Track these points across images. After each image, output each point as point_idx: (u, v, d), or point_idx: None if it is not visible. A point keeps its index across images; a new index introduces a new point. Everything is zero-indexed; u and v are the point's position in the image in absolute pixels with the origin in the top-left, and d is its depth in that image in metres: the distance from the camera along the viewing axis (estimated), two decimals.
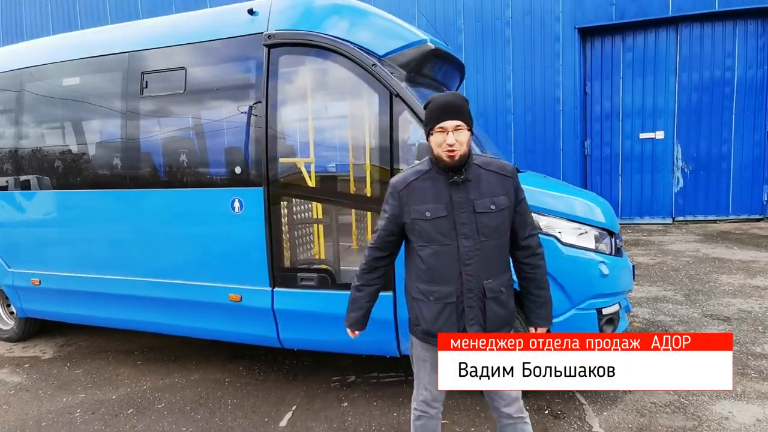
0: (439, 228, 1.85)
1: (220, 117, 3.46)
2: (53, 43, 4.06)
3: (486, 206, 1.84)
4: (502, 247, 1.91)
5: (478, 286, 1.86)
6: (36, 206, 4.04)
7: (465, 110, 1.86)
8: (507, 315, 1.96)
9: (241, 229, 3.26)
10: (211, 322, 3.52)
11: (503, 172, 1.91)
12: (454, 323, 1.89)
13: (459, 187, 1.84)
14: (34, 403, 3.39)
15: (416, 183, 1.90)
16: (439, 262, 1.87)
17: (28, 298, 4.19)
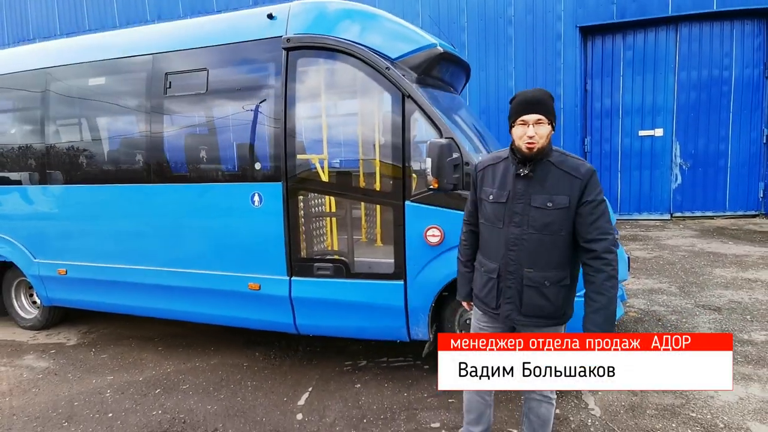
0: (496, 211, 2.04)
1: (240, 116, 3.65)
2: (80, 44, 4.24)
3: (542, 202, 1.94)
4: (554, 243, 1.95)
5: (518, 271, 1.99)
6: (62, 200, 4.23)
7: (548, 105, 1.95)
8: (549, 307, 2.01)
9: (261, 222, 3.47)
10: (230, 310, 3.73)
11: (574, 172, 1.93)
12: (493, 297, 2.08)
13: (522, 179, 1.97)
14: (63, 386, 3.61)
15: (491, 167, 2.10)
16: (491, 241, 2.08)
17: (54, 288, 4.40)
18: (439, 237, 3.10)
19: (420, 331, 3.31)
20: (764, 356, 3.40)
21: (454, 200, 3.03)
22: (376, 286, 3.28)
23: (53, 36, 13.29)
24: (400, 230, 3.17)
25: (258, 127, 3.56)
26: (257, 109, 3.59)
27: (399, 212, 3.16)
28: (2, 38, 14.13)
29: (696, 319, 4.17)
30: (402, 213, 3.14)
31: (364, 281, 3.31)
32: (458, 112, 3.89)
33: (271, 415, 3.03)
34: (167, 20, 12.01)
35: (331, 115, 3.62)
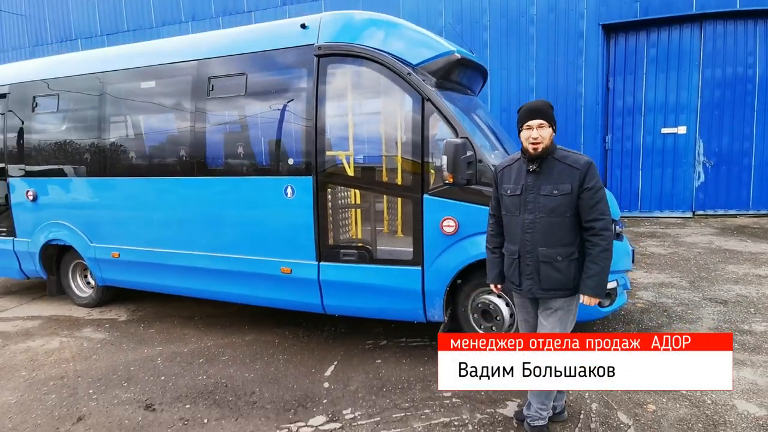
0: (513, 202, 2.42)
1: (275, 116, 4.03)
2: (133, 51, 4.69)
3: (549, 191, 2.32)
4: (562, 225, 2.31)
5: (534, 250, 2.35)
6: (116, 191, 4.71)
7: (547, 112, 2.34)
8: (562, 278, 2.33)
9: (293, 212, 3.84)
10: (264, 291, 4.14)
11: (575, 165, 2.31)
12: (516, 275, 2.45)
13: (532, 174, 2.36)
14: (120, 354, 4.09)
15: (507, 168, 2.50)
16: (511, 227, 2.45)
17: (108, 269, 4.91)
18: (454, 227, 3.41)
19: (436, 313, 3.63)
20: (761, 345, 3.59)
21: (468, 194, 3.35)
22: (397, 271, 3.62)
23: (94, 36, 14.07)
24: (418, 220, 3.50)
25: (291, 126, 3.94)
26: (290, 109, 3.96)
27: (418, 204, 3.49)
28: (46, 38, 15.00)
29: (701, 311, 4.36)
30: (420, 205, 3.47)
31: (386, 267, 3.65)
32: (474, 112, 4.18)
33: (301, 383, 3.41)
34: (200, 21, 12.66)
35: (356, 116, 3.97)
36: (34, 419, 3.05)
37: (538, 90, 10.02)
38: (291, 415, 2.98)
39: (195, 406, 3.15)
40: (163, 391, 3.36)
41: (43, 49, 14.82)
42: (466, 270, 3.51)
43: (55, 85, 4.96)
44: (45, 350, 4.18)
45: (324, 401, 3.13)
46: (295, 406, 3.09)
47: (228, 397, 3.26)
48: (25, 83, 5.17)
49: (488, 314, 3.59)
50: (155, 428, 2.90)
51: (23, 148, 5.21)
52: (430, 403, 3.03)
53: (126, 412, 3.10)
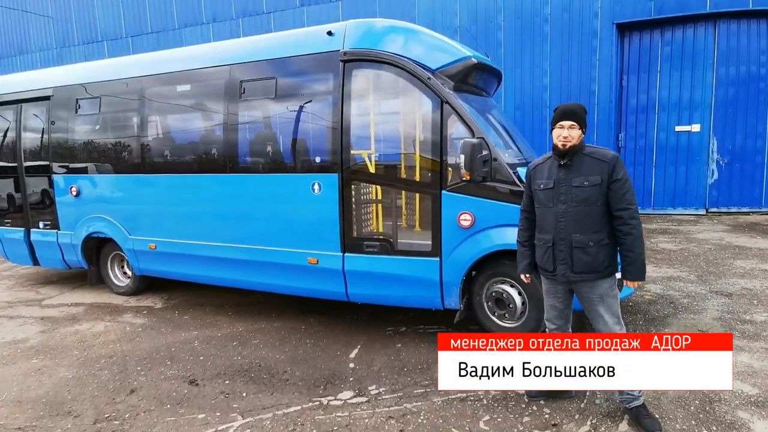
0: (546, 195, 2.65)
1: (302, 117, 4.33)
2: (169, 56, 5.03)
3: (580, 182, 2.55)
4: (593, 213, 2.53)
5: (567, 237, 2.58)
6: (154, 187, 5.06)
7: (579, 115, 2.59)
8: (594, 263, 2.55)
9: (319, 206, 4.14)
10: (292, 281, 4.45)
11: (603, 158, 2.55)
12: (550, 262, 2.66)
13: (563, 168, 2.60)
14: (160, 337, 4.44)
15: (540, 165, 2.74)
16: (544, 218, 2.67)
17: (145, 260, 5.27)
18: (470, 221, 3.68)
19: (452, 301, 3.90)
20: (760, 333, 3.79)
21: (483, 190, 3.61)
22: (416, 262, 3.90)
23: (119, 38, 14.56)
24: (437, 215, 3.77)
25: (318, 126, 4.23)
26: (317, 111, 4.26)
27: (436, 199, 3.76)
28: (72, 40, 15.53)
29: (706, 302, 4.55)
30: (439, 200, 3.74)
31: (406, 257, 3.93)
32: (489, 113, 4.43)
33: (328, 364, 3.71)
34: (221, 22, 13.05)
35: (379, 117, 4.24)
36: (91, 391, 3.40)
37: (551, 89, 10.18)
38: (321, 391, 3.28)
39: (233, 382, 3.47)
40: (204, 369, 3.69)
41: (70, 50, 15.36)
42: (481, 261, 3.77)
43: (96, 88, 5.33)
44: (92, 333, 4.56)
45: (350, 379, 3.43)
46: (324, 383, 3.39)
47: (262, 375, 3.57)
48: (68, 86, 5.55)
49: (501, 302, 3.85)
50: (200, 400, 3.22)
51: (66, 147, 5.59)
52: None
53: (172, 386, 3.44)
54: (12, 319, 5.06)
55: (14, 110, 5.93)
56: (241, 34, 12.77)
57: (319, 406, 3.07)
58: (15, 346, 4.30)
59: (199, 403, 3.18)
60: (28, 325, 4.87)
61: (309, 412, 2.99)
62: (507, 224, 3.62)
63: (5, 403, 3.27)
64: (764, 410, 2.76)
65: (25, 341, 4.42)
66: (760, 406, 2.80)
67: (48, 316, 5.10)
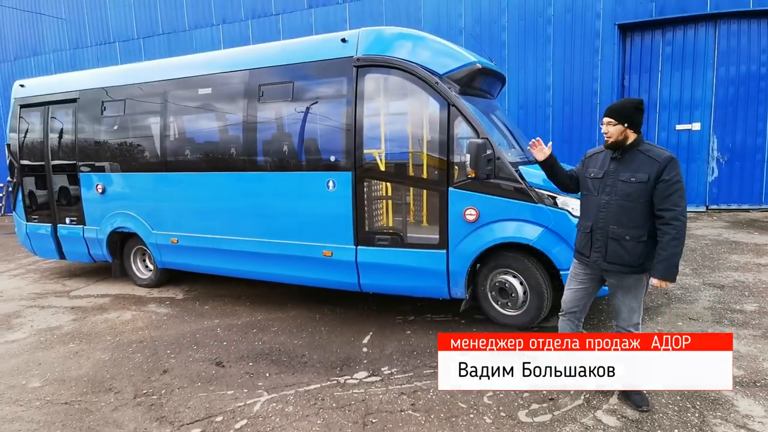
0: (594, 184, 2.78)
1: (318, 119, 4.61)
2: (192, 61, 5.32)
3: (627, 177, 2.60)
4: (634, 209, 2.57)
5: (605, 227, 2.67)
6: (176, 185, 5.36)
7: (616, 110, 2.66)
8: (628, 257, 2.61)
9: (334, 203, 4.42)
10: (308, 272, 4.73)
11: (656, 158, 2.56)
12: (588, 247, 2.78)
13: (614, 160, 2.70)
14: (184, 324, 4.74)
15: (595, 155, 2.87)
16: (588, 206, 2.82)
17: (167, 253, 5.58)
18: (475, 215, 3.95)
19: (458, 291, 4.18)
20: (748, 322, 4.05)
21: (487, 187, 3.88)
22: (425, 254, 4.18)
23: (131, 39, 14.88)
24: (444, 210, 4.04)
25: (332, 127, 4.51)
26: (332, 113, 4.53)
27: (444, 195, 4.04)
28: (85, 41, 15.87)
29: (699, 293, 4.80)
30: (446, 196, 4.02)
31: (415, 250, 4.21)
32: (493, 114, 4.69)
33: (343, 348, 4.00)
34: (231, 24, 13.36)
35: (389, 118, 4.51)
36: (127, 371, 3.71)
37: (554, 88, 10.40)
38: (338, 371, 3.57)
39: (257, 364, 3.77)
40: (228, 353, 3.99)
41: (83, 51, 15.71)
42: (485, 253, 4.04)
43: (121, 91, 5.64)
44: (121, 321, 4.87)
45: (364, 361, 3.72)
46: (340, 365, 3.68)
47: (283, 358, 3.87)
48: (94, 89, 5.86)
49: (504, 292, 4.12)
50: (227, 379, 3.52)
51: (92, 146, 5.91)
52: None
53: (201, 367, 3.74)
54: (44, 309, 5.39)
55: (42, 112, 6.25)
56: (250, 36, 13.09)
57: (337, 384, 3.36)
58: (51, 333, 4.62)
59: (227, 381, 3.48)
60: (60, 314, 5.19)
61: (328, 389, 3.28)
62: (509, 219, 3.91)
63: (50, 382, 3.59)
64: (748, 390, 3.02)
65: (60, 328, 4.74)
66: (744, 386, 3.06)
67: (77, 306, 5.43)
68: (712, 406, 2.82)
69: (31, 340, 4.46)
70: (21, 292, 6.15)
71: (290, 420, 2.91)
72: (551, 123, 10.50)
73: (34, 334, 4.62)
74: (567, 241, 3.76)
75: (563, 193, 3.81)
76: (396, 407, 2.99)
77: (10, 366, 3.89)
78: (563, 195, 3.83)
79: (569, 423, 2.73)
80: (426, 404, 3.02)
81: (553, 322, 4.28)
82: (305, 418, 2.92)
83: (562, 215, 3.80)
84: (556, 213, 3.81)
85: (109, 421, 3.00)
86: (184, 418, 2.99)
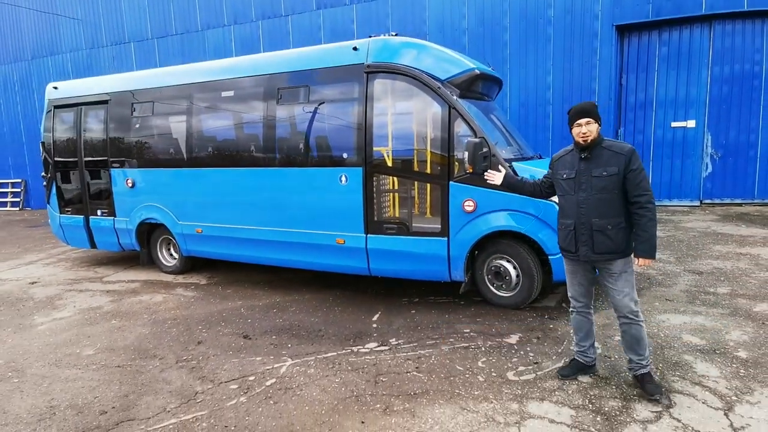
0: (569, 184, 2.98)
1: (332, 120, 5.09)
2: (215, 66, 5.82)
3: (599, 173, 2.83)
4: (611, 200, 2.81)
5: (588, 222, 2.87)
6: (201, 179, 5.86)
7: (593, 111, 2.89)
8: (613, 245, 2.84)
9: (346, 195, 4.90)
10: (322, 258, 5.23)
11: (620, 151, 2.81)
12: (573, 244, 2.98)
13: (584, 160, 2.91)
14: (210, 305, 5.26)
15: (563, 157, 3.08)
16: (567, 205, 3.00)
17: (192, 242, 6.10)
18: (473, 206, 4.42)
19: (458, 274, 4.66)
20: (719, 302, 4.50)
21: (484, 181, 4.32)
22: (428, 241, 4.66)
23: (146, 39, 15.40)
24: (445, 201, 4.52)
25: (344, 127, 4.99)
26: (344, 114, 5.01)
27: (445, 188, 4.51)
28: (101, 41, 16.40)
29: (678, 279, 5.25)
30: (447, 189, 4.49)
31: (419, 237, 4.69)
32: (491, 115, 5.16)
33: (355, 324, 4.50)
34: (242, 24, 13.87)
35: (396, 119, 4.98)
36: (167, 342, 4.23)
37: (554, 87, 10.80)
38: (351, 342, 4.07)
39: (279, 337, 4.27)
40: (253, 328, 4.50)
41: (99, 51, 16.25)
42: (482, 240, 4.51)
43: (150, 93, 6.15)
44: (154, 302, 5.40)
45: (374, 334, 4.21)
46: (353, 337, 4.18)
47: (302, 332, 4.37)
48: (124, 92, 6.37)
49: (499, 275, 4.60)
50: (255, 348, 4.02)
51: (123, 144, 6.42)
52: (454, 335, 4.07)
53: (230, 339, 4.25)
54: (82, 292, 5.93)
55: (75, 112, 6.77)
56: (260, 36, 13.57)
57: (351, 352, 3.86)
58: (93, 312, 5.15)
59: (255, 350, 3.98)
60: (97, 296, 5.73)
61: (343, 356, 3.78)
62: (503, 209, 4.38)
63: (101, 350, 4.11)
64: (707, 356, 3.48)
65: (100, 308, 5.27)
66: (704, 353, 3.52)
67: (112, 290, 5.96)
68: (673, 368, 3.29)
69: (76, 317, 5.00)
70: (57, 278, 6.70)
71: (312, 379, 3.40)
72: (551, 120, 10.91)
73: (78, 312, 5.16)
74: (555, 230, 4.22)
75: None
76: (402, 369, 3.49)
77: (63, 338, 4.42)
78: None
79: (549, 380, 3.22)
80: (428, 367, 3.51)
81: (544, 302, 4.77)
82: (325, 377, 3.42)
83: (550, 206, 4.25)
84: (545, 204, 4.27)
85: (159, 379, 3.51)
86: (221, 377, 3.50)
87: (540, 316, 4.41)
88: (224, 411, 3.03)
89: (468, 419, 2.80)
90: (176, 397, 3.24)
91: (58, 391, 3.41)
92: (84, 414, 3.08)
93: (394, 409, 2.95)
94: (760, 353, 3.45)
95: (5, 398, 3.34)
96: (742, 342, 3.65)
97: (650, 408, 2.82)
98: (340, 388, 3.25)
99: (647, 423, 2.68)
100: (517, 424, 2.72)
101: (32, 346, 4.26)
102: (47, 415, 3.09)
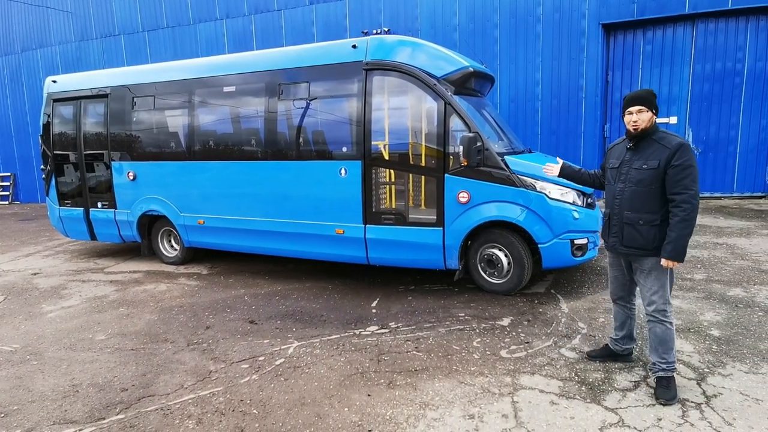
0: (612, 174, 2.97)
1: (332, 115, 5.29)
2: (217, 62, 5.97)
3: (640, 165, 2.75)
4: (647, 194, 2.72)
5: (620, 213, 2.86)
6: (203, 172, 6.03)
7: (646, 99, 2.75)
8: (642, 240, 2.76)
9: (346, 187, 5.11)
10: (322, 248, 5.44)
11: (667, 145, 2.68)
12: (607, 232, 3.02)
13: (630, 150, 2.85)
14: (215, 293, 5.44)
15: (616, 146, 3.05)
16: (608, 194, 3.00)
17: (193, 233, 6.26)
18: (467, 198, 4.67)
19: (453, 263, 4.91)
20: (695, 287, 4.82)
21: (477, 174, 4.59)
22: (424, 230, 4.90)
23: (136, 32, 15.35)
24: (440, 193, 4.76)
25: (344, 122, 5.19)
26: (344, 110, 5.21)
27: (440, 181, 4.75)
28: (91, 34, 16.29)
29: None
30: (442, 181, 4.73)
31: (416, 227, 4.93)
32: (483, 110, 5.40)
33: (355, 310, 4.73)
34: (234, 18, 13.92)
35: (394, 115, 5.20)
36: (176, 327, 4.42)
37: (543, 83, 11.09)
38: (353, 326, 4.30)
39: (284, 322, 4.49)
40: (258, 314, 4.71)
41: (88, 44, 16.14)
42: (475, 230, 4.77)
43: (151, 87, 6.27)
44: (158, 291, 5.57)
45: (374, 319, 4.45)
46: (355, 321, 4.41)
47: (305, 317, 4.59)
48: (125, 86, 6.48)
49: (492, 263, 4.86)
50: (261, 332, 4.24)
51: (123, 137, 6.55)
52: (449, 319, 4.33)
53: (237, 324, 4.46)
54: (86, 283, 6.07)
55: (74, 105, 6.86)
56: (253, 30, 13.63)
57: (353, 335, 4.09)
58: (100, 300, 5.31)
59: (262, 333, 4.20)
60: (102, 286, 5.88)
61: (347, 338, 4.01)
62: (496, 200, 4.63)
63: (113, 336, 4.29)
64: (682, 334, 3.77)
65: (106, 297, 5.43)
66: (680, 332, 3.81)
67: (115, 280, 6.12)
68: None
69: (84, 305, 5.15)
70: (58, 269, 6.82)
71: (319, 358, 3.64)
72: (540, 115, 11.21)
73: (85, 301, 5.31)
74: (544, 220, 4.50)
75: (541, 179, 4.53)
76: (403, 349, 3.73)
77: (74, 325, 4.59)
78: (541, 181, 4.54)
79: (539, 357, 3.49)
80: (427, 347, 3.76)
81: (534, 288, 5.05)
82: (331, 357, 3.65)
83: (540, 197, 4.53)
84: (536, 195, 4.53)
85: (173, 360, 3.72)
86: (233, 357, 3.71)
87: (530, 301, 4.69)
88: (239, 387, 3.24)
89: (465, 391, 3.06)
90: (192, 375, 3.45)
91: (78, 371, 3.59)
92: (106, 391, 3.27)
93: (397, 384, 3.20)
94: (733, 332, 3.77)
95: (28, 378, 3.51)
96: (715, 322, 3.97)
97: (629, 378, 3.11)
98: (345, 366, 3.49)
99: (626, 391, 2.97)
100: (510, 395, 2.99)
101: (45, 332, 4.42)
102: (71, 392, 3.27)
